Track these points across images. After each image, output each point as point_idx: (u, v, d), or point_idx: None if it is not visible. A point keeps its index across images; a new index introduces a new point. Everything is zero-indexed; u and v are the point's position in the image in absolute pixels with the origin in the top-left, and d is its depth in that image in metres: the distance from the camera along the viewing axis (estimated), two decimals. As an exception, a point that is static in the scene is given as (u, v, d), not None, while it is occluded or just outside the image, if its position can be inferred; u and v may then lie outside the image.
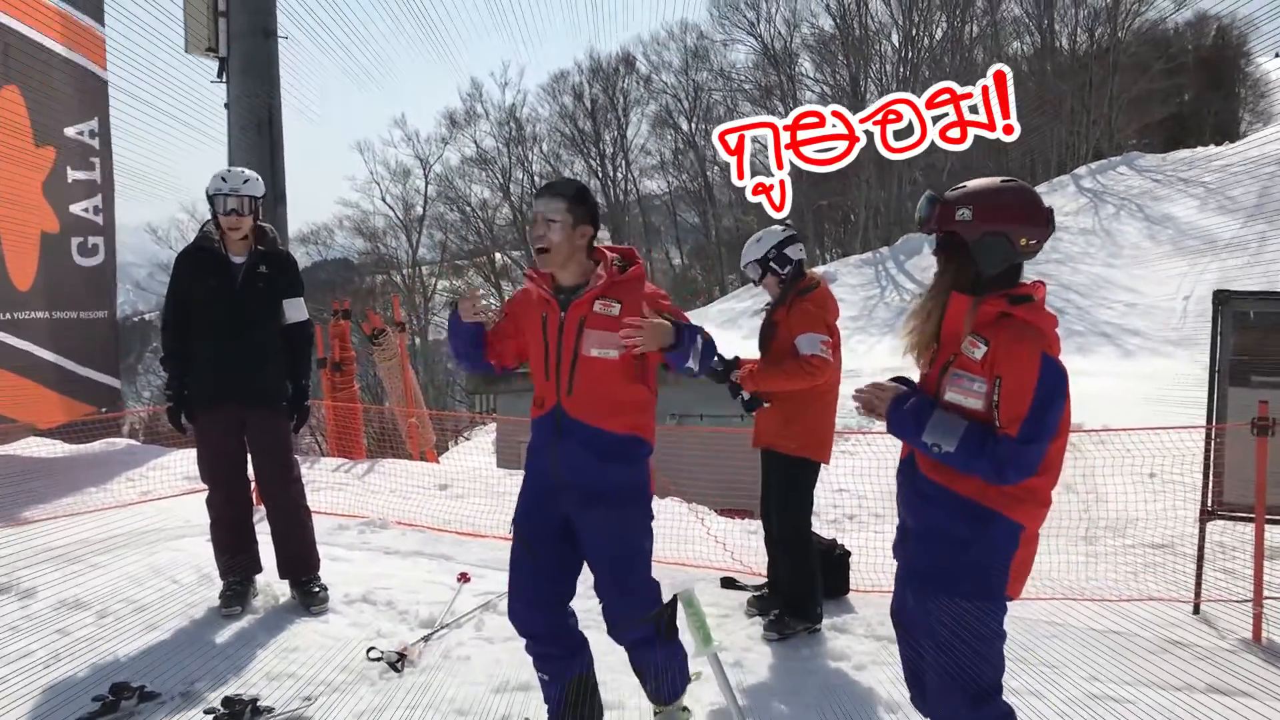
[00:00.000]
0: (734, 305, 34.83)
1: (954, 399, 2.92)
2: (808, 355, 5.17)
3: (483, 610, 5.60)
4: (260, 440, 5.56)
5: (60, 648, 5.03)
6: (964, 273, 2.97)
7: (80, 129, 9.43)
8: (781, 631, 5.33)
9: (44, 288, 8.99)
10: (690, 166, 53.12)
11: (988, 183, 3.01)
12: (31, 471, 8.56)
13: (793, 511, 5.38)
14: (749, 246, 5.57)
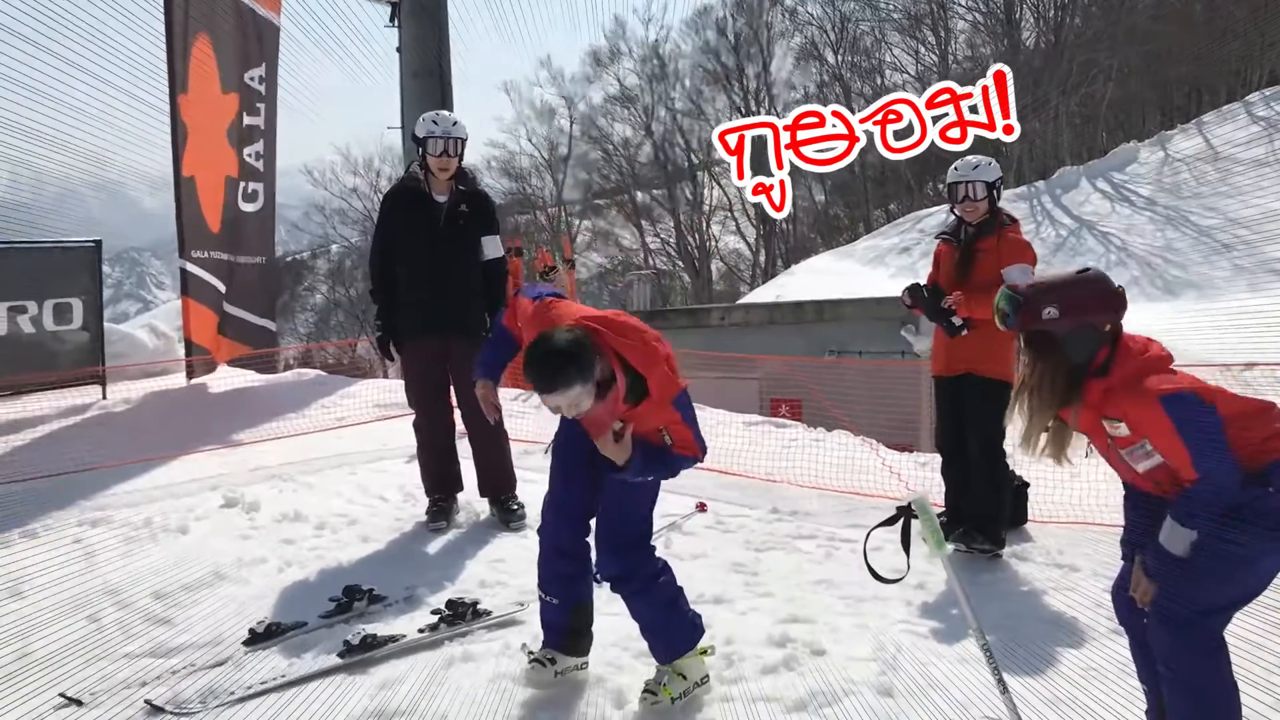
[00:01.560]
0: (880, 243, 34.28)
1: (1145, 467, 3.10)
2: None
3: (670, 530, 5.90)
4: (464, 369, 5.91)
5: (289, 555, 5.53)
6: (1059, 364, 3.11)
7: (253, 74, 9.88)
8: (968, 544, 5.50)
9: (228, 230, 9.54)
10: (836, 100, 52.17)
11: (1065, 276, 3.18)
12: (234, 400, 9.21)
13: (992, 433, 5.52)
14: (981, 166, 5.66)
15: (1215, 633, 3.11)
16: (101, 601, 4.83)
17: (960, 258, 5.69)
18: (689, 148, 53.94)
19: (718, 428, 8.30)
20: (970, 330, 5.53)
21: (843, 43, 50.79)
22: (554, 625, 4.07)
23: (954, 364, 5.68)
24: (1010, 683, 4.07)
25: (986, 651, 3.13)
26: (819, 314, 14.38)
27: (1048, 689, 4.02)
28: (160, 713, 3.77)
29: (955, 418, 5.77)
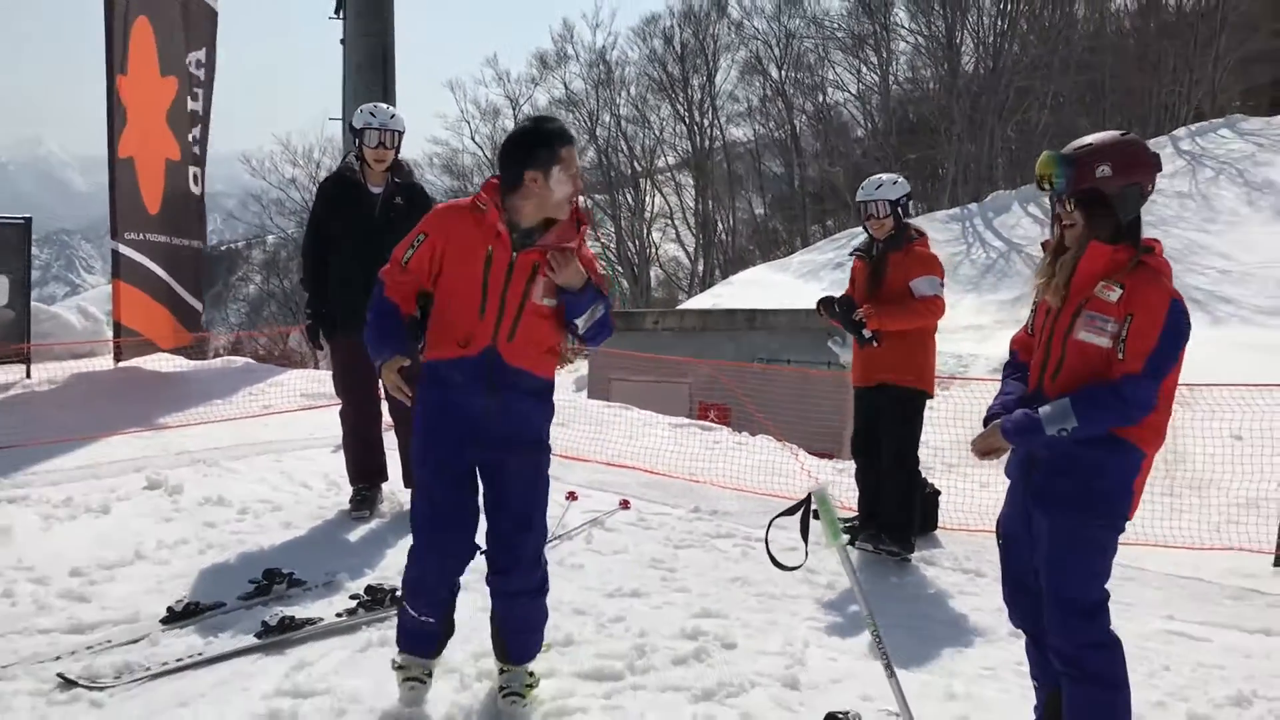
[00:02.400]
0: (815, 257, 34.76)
1: (1086, 338, 3.20)
2: (930, 295, 5.65)
3: (592, 525, 5.99)
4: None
5: (211, 538, 5.54)
6: (1104, 224, 3.22)
7: (191, 59, 9.84)
8: (876, 546, 5.70)
9: (167, 212, 9.48)
10: (778, 115, 52.71)
11: (1111, 136, 3.26)
12: (160, 384, 9.14)
13: (906, 441, 5.74)
14: (885, 184, 5.89)
15: (1108, 625, 3.29)
16: (16, 577, 4.81)
17: (871, 271, 5.92)
18: (632, 154, 54.24)
19: (644, 429, 8.45)
20: (880, 343, 5.73)
21: (787, 58, 51.38)
22: (431, 635, 3.86)
23: (871, 373, 5.88)
24: (909, 679, 4.25)
25: (876, 636, 3.28)
26: (750, 323, 14.60)
27: (944, 686, 4.19)
28: (72, 685, 3.78)
29: (871, 425, 5.96)
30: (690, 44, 52.91)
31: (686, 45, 52.93)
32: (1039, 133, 40.26)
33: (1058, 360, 3.27)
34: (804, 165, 52.11)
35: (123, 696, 3.77)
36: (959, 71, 45.42)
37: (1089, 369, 3.19)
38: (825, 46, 50.71)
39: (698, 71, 53.20)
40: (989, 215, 32.83)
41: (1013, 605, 3.53)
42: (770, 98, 52.62)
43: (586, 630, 4.55)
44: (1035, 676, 3.58)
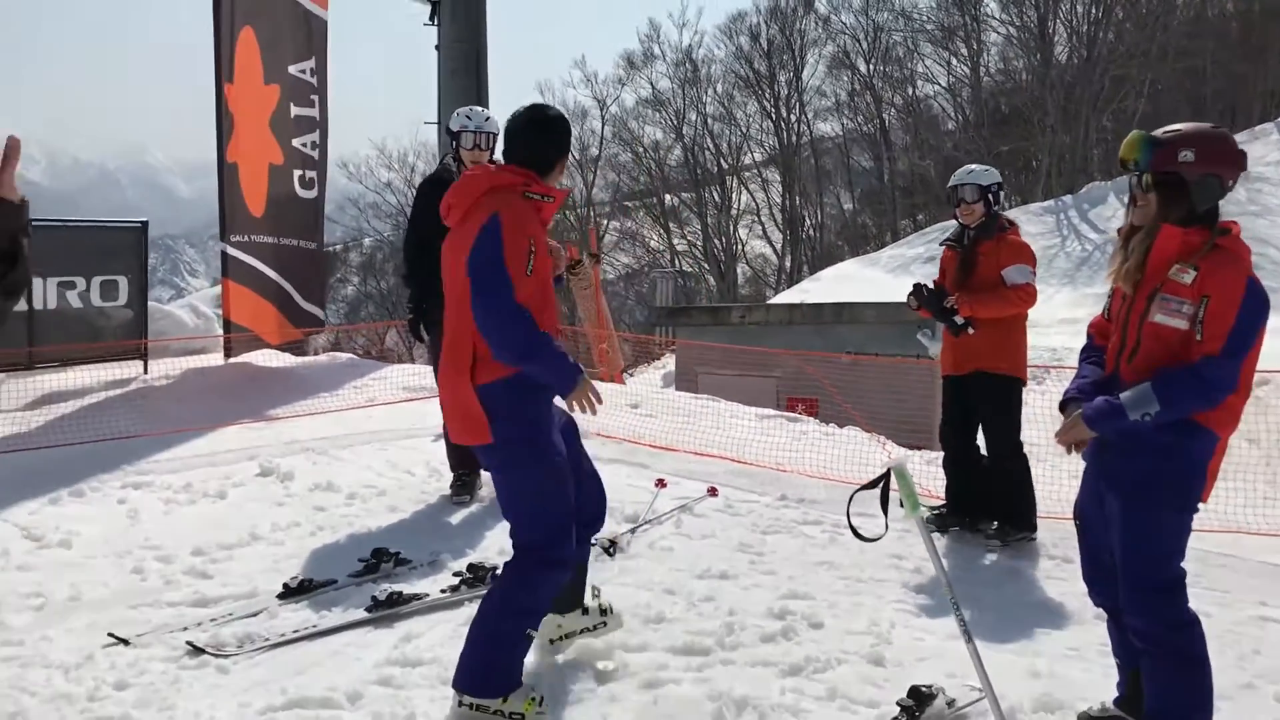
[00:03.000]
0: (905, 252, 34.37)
1: (1161, 320, 3.27)
2: (1021, 284, 5.72)
3: (680, 511, 6.16)
4: None
5: (321, 520, 5.85)
6: (1177, 209, 3.29)
7: (301, 67, 10.21)
8: (1005, 539, 5.79)
9: (272, 214, 9.88)
10: (866, 109, 52.22)
11: (1200, 128, 3.35)
12: (268, 378, 9.56)
13: (1008, 428, 5.82)
14: (976, 171, 5.98)
15: (1185, 604, 3.36)
16: (145, 555, 5.17)
17: (962, 261, 5.97)
18: (719, 152, 54.17)
19: (731, 420, 8.59)
20: (974, 330, 5.79)
21: (875, 52, 50.87)
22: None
23: (963, 362, 5.94)
24: (993, 657, 4.32)
25: (954, 604, 3.38)
26: (838, 316, 14.59)
27: (1028, 665, 4.27)
28: (200, 653, 4.08)
29: (962, 415, 6.03)
30: (777, 40, 52.68)
31: (773, 42, 52.71)
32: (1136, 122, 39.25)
33: (1134, 344, 3.35)
34: (893, 159, 51.56)
35: (246, 664, 4.06)
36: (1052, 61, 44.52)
37: (1166, 352, 3.27)
38: (914, 39, 50.08)
39: (784, 68, 52.96)
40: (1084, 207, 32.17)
41: (1092, 584, 3.61)
42: (858, 92, 52.14)
43: (677, 608, 4.71)
44: (1117, 655, 3.66)
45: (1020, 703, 3.91)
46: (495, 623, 3.62)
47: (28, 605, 4.54)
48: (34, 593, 4.65)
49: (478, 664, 3.60)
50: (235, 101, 9.29)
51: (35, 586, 4.73)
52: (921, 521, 3.34)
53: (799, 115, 53.50)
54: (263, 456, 6.97)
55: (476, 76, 11.88)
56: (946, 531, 6.01)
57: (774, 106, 53.29)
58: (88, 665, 3.97)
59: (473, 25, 11.92)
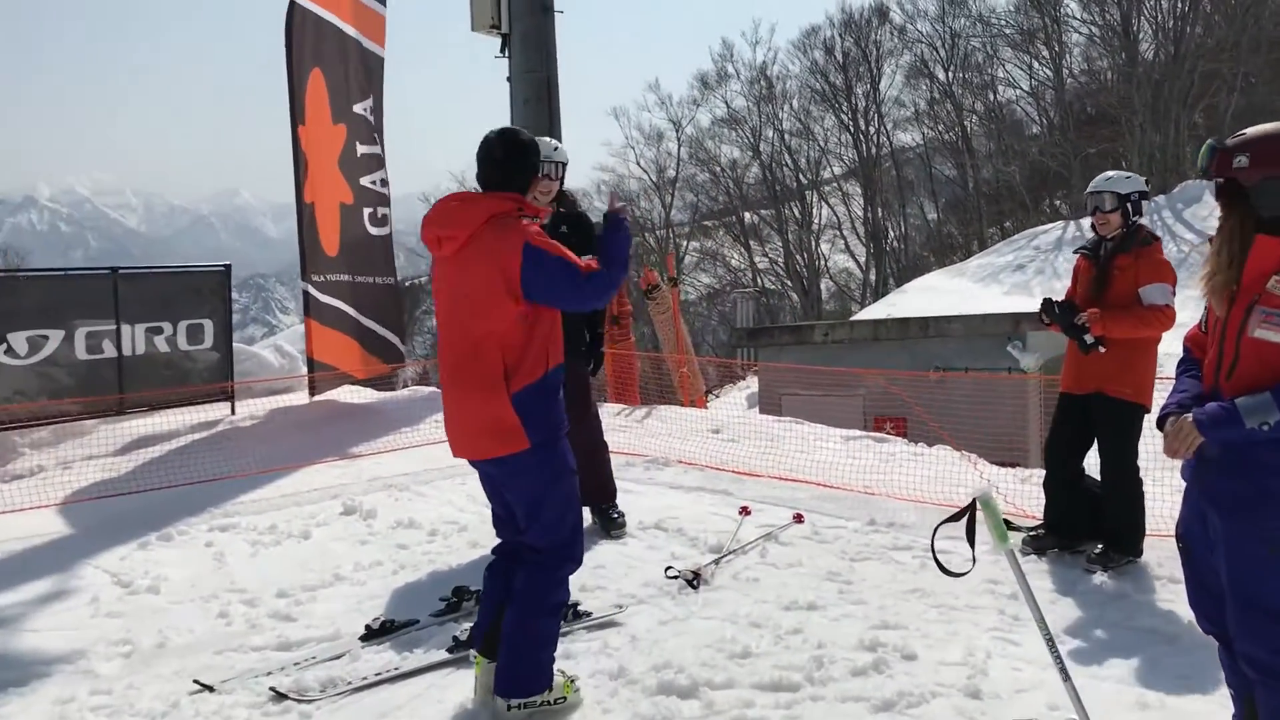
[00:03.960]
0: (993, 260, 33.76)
1: (1263, 335, 3.06)
2: (1161, 305, 5.40)
3: (766, 540, 6.02)
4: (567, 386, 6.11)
5: (403, 559, 5.84)
6: (1247, 218, 3.09)
7: (363, 106, 10.33)
8: (1106, 564, 5.52)
9: (346, 253, 9.98)
10: (947, 117, 51.57)
11: (1268, 128, 3.11)
12: (351, 415, 9.65)
13: (1126, 451, 5.54)
14: (1115, 178, 5.63)
15: None
16: (230, 598, 5.20)
17: (1097, 274, 5.64)
18: (797, 168, 53.96)
19: (817, 442, 8.42)
20: (1104, 349, 5.50)
21: (953, 59, 50.25)
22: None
23: (1085, 381, 5.65)
24: (1098, 687, 4.15)
25: (1048, 641, 3.22)
26: (924, 330, 14.29)
27: (1136, 695, 4.06)
28: (284, 699, 4.06)
29: (1073, 434, 5.76)
30: (852, 52, 52.36)
31: (848, 54, 52.40)
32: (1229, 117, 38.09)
33: (1232, 359, 3.14)
34: (977, 167, 50.79)
35: (329, 708, 4.03)
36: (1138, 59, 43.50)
37: (1266, 368, 3.05)
38: (993, 44, 49.37)
39: (861, 79, 52.58)
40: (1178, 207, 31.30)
41: (1198, 609, 3.40)
42: (938, 100, 51.55)
43: (764, 642, 4.58)
44: (1230, 684, 3.43)
45: (1129, 737, 3.71)
46: (535, 625, 3.86)
47: (117, 653, 4.58)
48: (123, 639, 4.70)
49: (525, 667, 3.84)
50: (308, 142, 9.43)
51: (124, 633, 4.77)
52: (1011, 554, 3.18)
53: (878, 127, 53.07)
54: (346, 495, 7.01)
55: (549, 105, 11.88)
56: (1044, 554, 5.78)
57: (852, 119, 52.94)
58: (173, 714, 3.98)
59: (544, 54, 11.94)
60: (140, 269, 9.05)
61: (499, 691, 3.86)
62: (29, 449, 8.25)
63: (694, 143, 55.56)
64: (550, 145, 6.16)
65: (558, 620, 3.99)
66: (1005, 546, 3.12)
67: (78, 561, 5.76)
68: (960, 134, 51.14)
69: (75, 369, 8.47)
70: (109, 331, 8.63)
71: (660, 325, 11.67)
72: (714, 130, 55.40)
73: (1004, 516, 6.25)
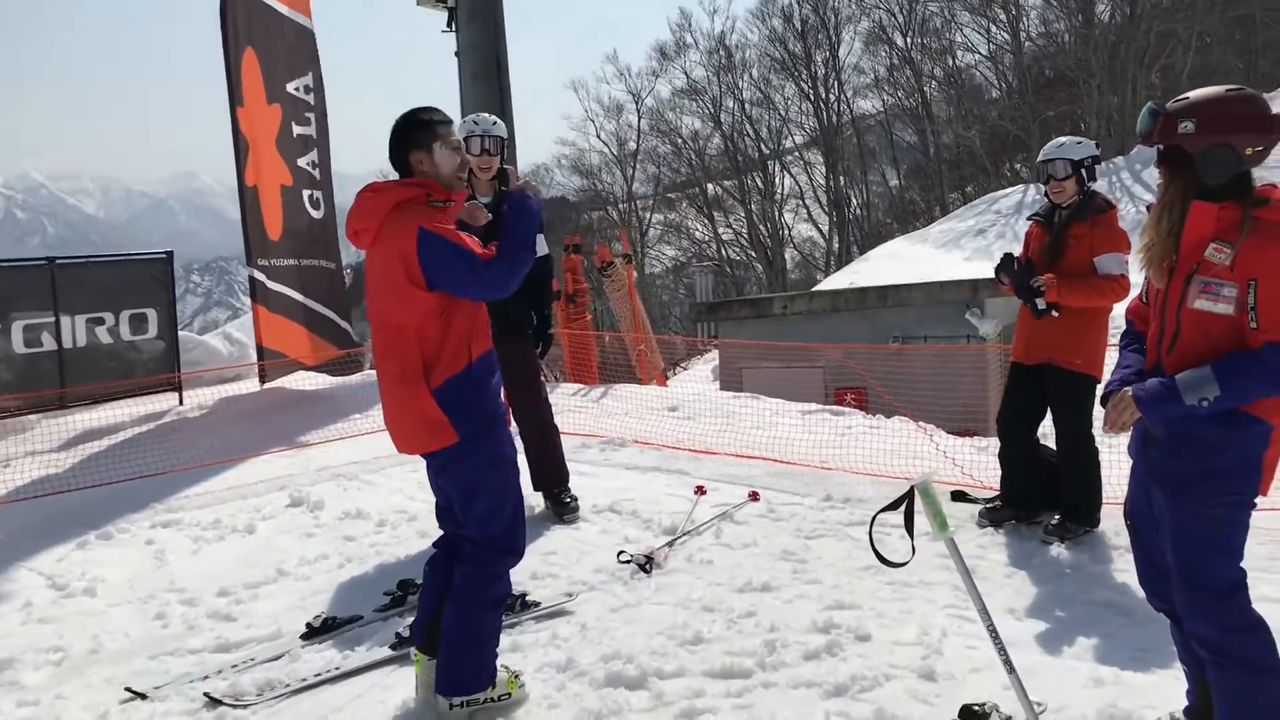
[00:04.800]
0: (955, 225, 33.89)
1: (1203, 306, 2.96)
2: (1116, 275, 5.29)
3: (720, 519, 5.92)
4: (511, 366, 5.97)
5: (350, 551, 5.70)
6: (1190, 185, 2.99)
7: (297, 85, 10.02)
8: (1063, 535, 5.46)
9: (289, 236, 9.75)
10: (906, 83, 51.58)
11: (1211, 92, 3.01)
12: (301, 402, 9.46)
13: (1079, 421, 5.46)
14: (1067, 144, 5.50)
15: (1248, 606, 3.07)
16: (169, 599, 5.05)
17: (1051, 241, 5.53)
18: (758, 137, 53.81)
19: (774, 417, 8.33)
20: (1056, 315, 5.40)
21: (911, 24, 50.17)
22: None
23: (1035, 351, 5.57)
24: (1053, 664, 4.09)
25: (991, 631, 3.14)
26: (883, 300, 14.20)
27: (1090, 671, 3.99)
28: (217, 704, 3.93)
29: (1026, 404, 5.70)
30: (810, 20, 52.21)
31: (807, 21, 52.25)
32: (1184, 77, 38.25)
33: (1173, 332, 3.05)
34: (938, 133, 50.81)
35: (266, 714, 3.90)
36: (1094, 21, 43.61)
37: (1207, 340, 2.97)
38: (951, 9, 49.34)
39: (820, 47, 52.49)
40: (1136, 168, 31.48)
41: (1148, 587, 3.34)
42: (897, 66, 51.54)
43: (716, 627, 4.49)
44: (1183, 660, 3.37)
45: (1083, 713, 3.65)
46: (475, 620, 3.75)
47: (47, 660, 4.42)
48: (54, 646, 4.54)
49: (466, 664, 3.74)
50: (248, 124, 9.18)
51: (56, 639, 4.61)
52: (951, 542, 3.08)
53: (838, 94, 53.05)
54: (293, 486, 6.85)
55: (498, 81, 11.69)
56: (1001, 526, 5.72)
57: (812, 87, 52.86)
58: (102, 724, 3.84)
59: (490, 29, 11.73)
60: (78, 259, 8.80)
61: (440, 690, 3.76)
62: (-33, 447, 8.03)
63: (654, 114, 55.34)
64: (489, 120, 6.00)
65: (498, 614, 3.88)
66: (945, 534, 3.03)
67: (11, 564, 5.58)
68: (920, 100, 51.14)
69: (13, 363, 8.25)
70: (48, 324, 8.40)
71: (616, 302, 11.54)
72: (674, 101, 55.25)
73: (959, 488, 6.27)
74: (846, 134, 53.32)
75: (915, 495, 3.07)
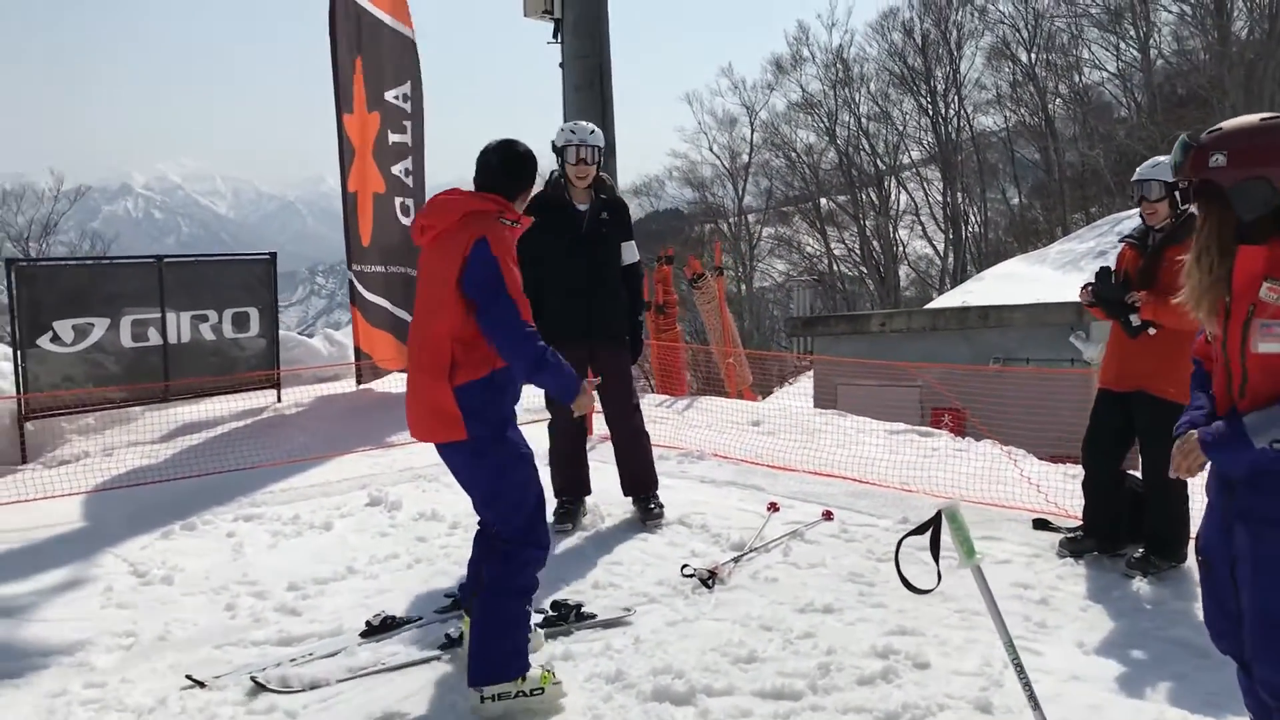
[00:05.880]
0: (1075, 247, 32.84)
1: (1269, 349, 2.80)
2: None
3: (790, 537, 5.84)
4: (607, 371, 5.97)
5: (420, 552, 5.78)
6: (1225, 221, 2.83)
7: (395, 93, 10.16)
8: (1146, 570, 5.26)
9: (378, 243, 9.89)
10: (1030, 100, 50.23)
11: (1244, 122, 2.83)
12: (394, 404, 9.62)
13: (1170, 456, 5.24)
14: (1162, 164, 5.22)
15: None
16: (240, 591, 5.17)
17: (1144, 265, 5.33)
18: (874, 153, 53.07)
19: (858, 436, 8.20)
20: (1149, 334, 5.20)
21: (1036, 40, 48.92)
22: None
23: (1126, 378, 5.37)
24: (1119, 703, 3.92)
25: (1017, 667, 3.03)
26: (984, 319, 13.83)
27: (1157, 712, 3.82)
28: (262, 690, 4.02)
29: (1113, 433, 5.50)
30: (931, 34, 51.31)
31: (927, 36, 51.34)
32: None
33: (1241, 378, 2.88)
34: (1061, 150, 49.44)
35: (316, 707, 3.96)
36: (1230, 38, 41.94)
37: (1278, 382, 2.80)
38: (1078, 24, 47.93)
39: (940, 62, 51.50)
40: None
41: (1213, 628, 3.15)
42: (1021, 82, 50.26)
43: (772, 646, 4.43)
44: (1249, 708, 3.19)
45: (1144, 759, 3.49)
46: (500, 610, 3.89)
47: (118, 644, 4.57)
48: (127, 631, 4.69)
49: (492, 654, 3.84)
50: (353, 131, 9.40)
51: (130, 624, 4.76)
52: (978, 570, 2.97)
53: (958, 110, 51.96)
54: (374, 485, 6.98)
55: (600, 91, 11.73)
56: (1081, 557, 5.52)
57: (931, 103, 51.92)
58: (160, 710, 3.95)
59: (596, 41, 11.78)
60: (185, 257, 9.13)
61: (471, 683, 3.86)
62: (76, 435, 8.37)
63: (768, 128, 54.98)
64: (586, 129, 6.02)
65: (523, 605, 3.96)
66: (971, 562, 2.93)
67: (100, 550, 5.79)
68: (1044, 117, 49.84)
69: (121, 356, 8.57)
70: (154, 319, 8.71)
71: (706, 315, 11.48)
72: (789, 115, 54.75)
73: (1042, 516, 6.07)
74: (966, 150, 52.26)
75: (942, 520, 2.97)
